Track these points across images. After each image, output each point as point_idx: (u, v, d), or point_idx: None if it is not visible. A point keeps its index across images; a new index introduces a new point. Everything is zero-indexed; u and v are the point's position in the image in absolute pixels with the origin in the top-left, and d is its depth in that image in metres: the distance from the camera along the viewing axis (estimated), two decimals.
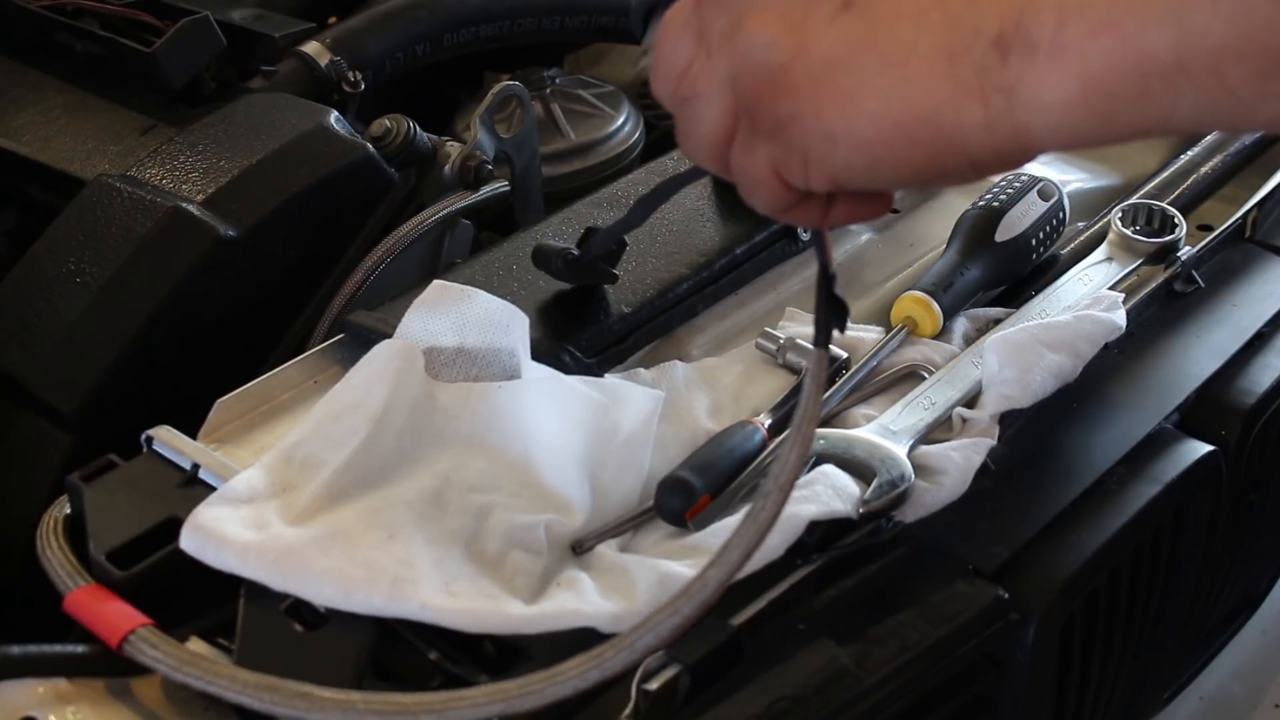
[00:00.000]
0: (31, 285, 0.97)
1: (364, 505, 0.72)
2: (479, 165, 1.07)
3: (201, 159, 1.03)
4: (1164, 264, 1.00)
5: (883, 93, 0.53)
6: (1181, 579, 0.91)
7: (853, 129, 0.54)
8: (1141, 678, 0.94)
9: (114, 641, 0.67)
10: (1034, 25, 0.50)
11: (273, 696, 0.63)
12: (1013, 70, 0.50)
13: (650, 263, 0.94)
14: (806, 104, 0.54)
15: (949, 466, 0.79)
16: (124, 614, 0.68)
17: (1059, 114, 0.50)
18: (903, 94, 0.52)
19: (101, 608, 0.69)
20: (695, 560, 0.71)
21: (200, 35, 1.11)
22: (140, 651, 0.67)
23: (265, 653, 0.67)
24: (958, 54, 0.51)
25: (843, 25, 0.53)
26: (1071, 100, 0.50)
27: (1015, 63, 0.50)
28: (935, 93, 0.52)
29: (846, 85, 0.53)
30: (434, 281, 0.84)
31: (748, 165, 0.58)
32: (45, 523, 0.75)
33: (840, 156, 0.55)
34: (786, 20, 0.54)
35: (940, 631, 0.73)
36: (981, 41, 0.51)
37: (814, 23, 0.54)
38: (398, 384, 0.76)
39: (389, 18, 1.24)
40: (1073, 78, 0.49)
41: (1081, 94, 0.49)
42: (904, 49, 0.52)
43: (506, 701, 0.61)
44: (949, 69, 0.51)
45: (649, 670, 0.66)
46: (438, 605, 0.67)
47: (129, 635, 0.67)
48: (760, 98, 0.56)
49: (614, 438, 0.79)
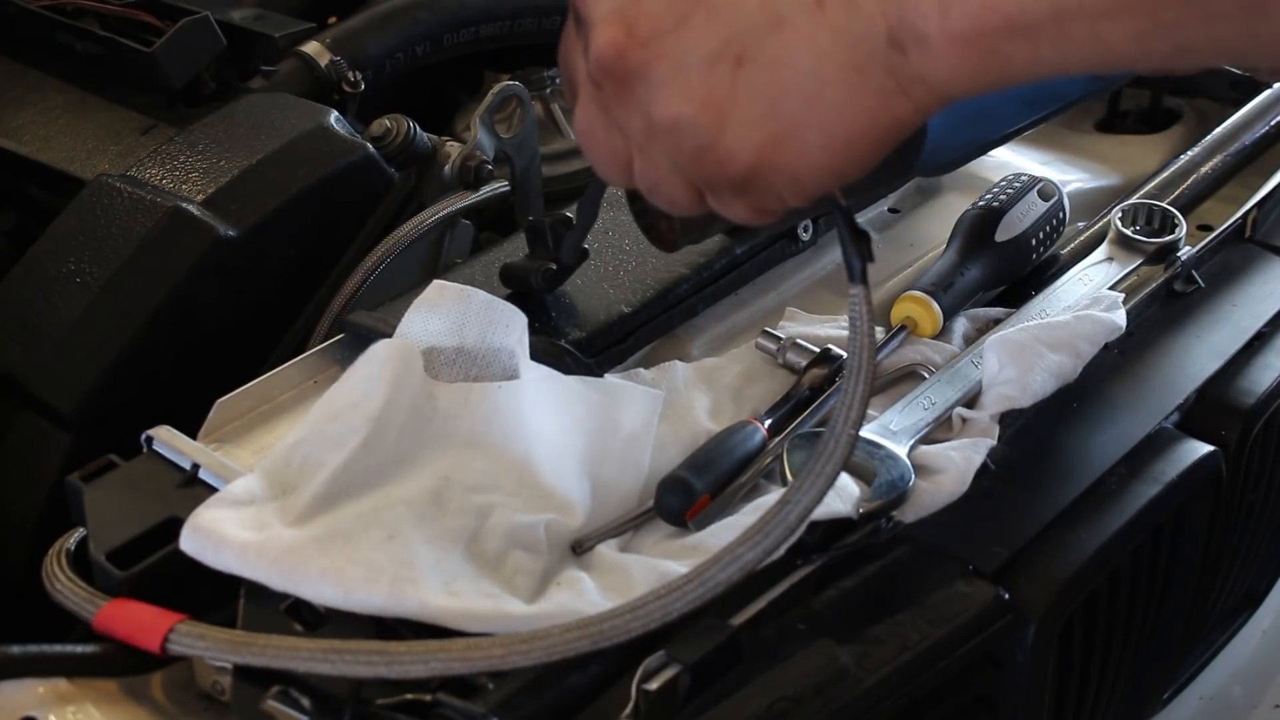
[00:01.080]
0: (31, 285, 0.97)
1: (363, 505, 0.72)
2: (479, 165, 1.07)
3: (201, 159, 1.03)
4: (1164, 264, 1.00)
5: (819, 125, 0.54)
6: (1181, 579, 0.91)
7: (809, 165, 0.56)
8: (1141, 678, 0.94)
9: (155, 646, 0.67)
10: (917, 17, 0.52)
11: (343, 658, 0.63)
12: (914, 62, 0.52)
13: (650, 263, 0.94)
14: (758, 163, 0.56)
15: (949, 466, 0.79)
16: (153, 617, 0.68)
17: (968, 82, 0.53)
18: (836, 119, 0.54)
19: (131, 618, 0.69)
20: (695, 560, 0.71)
21: (200, 35, 1.11)
22: (187, 646, 0.66)
23: None
24: (863, 65, 0.53)
25: (747, 81, 0.55)
26: (974, 71, 0.52)
27: (915, 56, 0.52)
28: (863, 104, 0.54)
29: (784, 132, 0.55)
30: (434, 281, 0.84)
31: (731, 213, 0.61)
32: (50, 559, 0.74)
33: (810, 185, 0.57)
34: (693, 97, 0.56)
35: (940, 631, 0.73)
36: (878, 46, 0.53)
37: (719, 89, 0.55)
38: (396, 383, 0.76)
39: (389, 18, 1.24)
40: (970, 58, 0.52)
41: (981, 67, 0.52)
42: (814, 81, 0.54)
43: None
44: (863, 80, 0.53)
45: (649, 670, 0.66)
46: (438, 605, 0.67)
47: (169, 634, 0.67)
48: (712, 173, 0.57)
49: (614, 438, 0.79)
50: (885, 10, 0.52)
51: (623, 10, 0.56)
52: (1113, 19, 0.49)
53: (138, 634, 0.68)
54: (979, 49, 0.51)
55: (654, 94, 0.56)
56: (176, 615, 0.68)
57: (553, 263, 0.90)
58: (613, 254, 0.94)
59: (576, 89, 0.62)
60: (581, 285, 0.92)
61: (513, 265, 0.92)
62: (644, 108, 0.57)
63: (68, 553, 0.74)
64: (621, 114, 0.59)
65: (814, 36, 0.53)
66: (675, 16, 0.55)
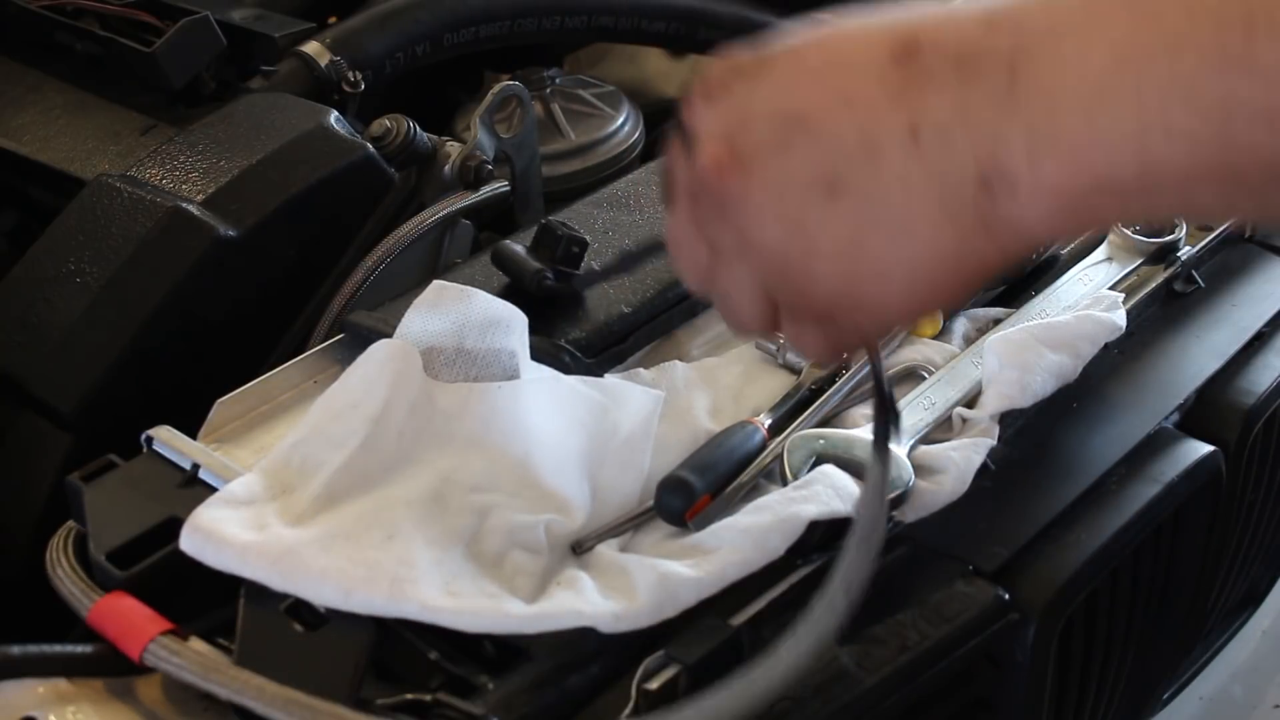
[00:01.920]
0: (31, 285, 0.97)
1: (364, 505, 0.72)
2: (479, 165, 1.07)
3: (201, 159, 1.02)
4: (1164, 264, 1.00)
5: (904, 263, 0.55)
6: (1181, 579, 0.91)
7: (892, 299, 0.56)
8: (1141, 678, 0.93)
9: (135, 654, 0.67)
10: (1008, 161, 0.51)
11: (303, 713, 0.63)
12: (1002, 207, 0.52)
13: (650, 263, 0.94)
14: (841, 293, 0.57)
15: (949, 466, 0.79)
16: (142, 622, 0.68)
17: (1053, 229, 0.53)
18: (922, 258, 0.55)
19: (121, 619, 0.69)
20: (695, 560, 0.71)
21: (200, 35, 1.11)
22: (162, 660, 0.67)
23: (265, 653, 0.67)
24: (951, 204, 0.53)
25: (840, 213, 0.55)
26: (1061, 221, 0.53)
27: (1003, 200, 0.52)
28: (949, 245, 0.54)
29: (869, 265, 0.55)
30: (434, 281, 0.84)
31: (803, 344, 0.61)
32: (56, 542, 0.74)
33: (891, 318, 0.58)
34: (786, 221, 0.56)
35: (940, 631, 0.73)
36: (968, 186, 0.52)
37: (811, 217, 0.55)
38: (396, 383, 0.76)
39: (389, 18, 1.24)
40: (1058, 208, 0.52)
41: (1070, 215, 0.52)
42: (903, 216, 0.54)
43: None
44: (951, 219, 0.53)
45: (649, 670, 0.66)
46: (438, 605, 0.67)
47: (148, 645, 0.67)
48: (795, 297, 0.58)
49: (614, 438, 0.79)
50: (978, 151, 0.52)
51: (729, 130, 0.57)
52: (1200, 183, 0.49)
53: (123, 637, 0.68)
54: (1067, 201, 0.51)
55: (748, 215, 0.57)
56: (165, 623, 0.68)
57: (550, 272, 0.90)
58: (612, 254, 0.94)
59: (674, 196, 0.62)
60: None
61: (508, 251, 0.91)
62: (737, 227, 0.58)
63: (76, 539, 0.74)
64: (714, 229, 0.59)
65: (906, 171, 0.53)
66: (778, 141, 0.56)
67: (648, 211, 0.99)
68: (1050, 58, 0.50)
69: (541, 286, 0.90)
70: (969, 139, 0.52)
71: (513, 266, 0.90)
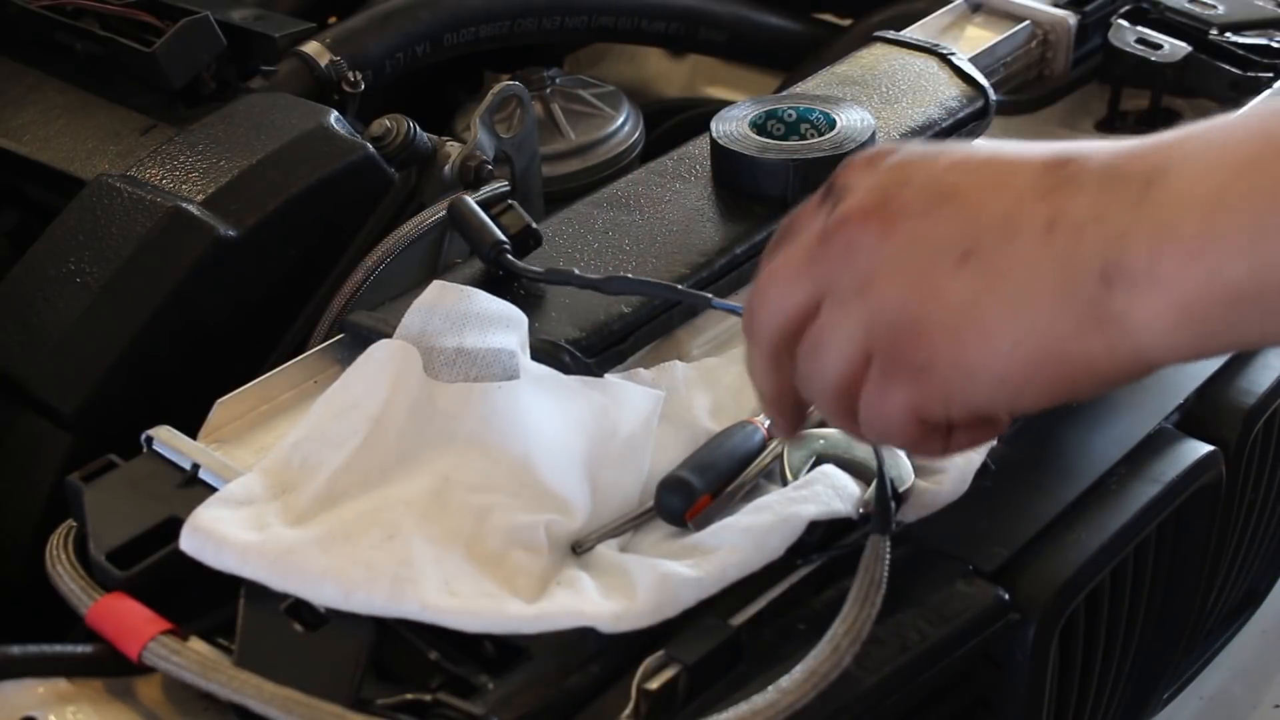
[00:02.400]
0: (31, 285, 0.97)
1: (364, 505, 0.72)
2: (479, 165, 1.07)
3: (201, 159, 1.03)
4: None
5: (1013, 333, 0.56)
6: (1182, 579, 0.91)
7: (992, 368, 0.57)
8: (1142, 678, 0.94)
9: (134, 654, 0.67)
10: (1131, 258, 0.54)
11: (300, 712, 0.63)
12: (1119, 302, 0.54)
13: (650, 263, 0.94)
14: (945, 349, 0.58)
15: (949, 466, 0.79)
16: (141, 622, 0.69)
17: (1166, 337, 0.54)
18: (1031, 333, 0.56)
19: (120, 619, 0.69)
20: (695, 560, 0.71)
21: (200, 35, 1.11)
22: (162, 660, 0.67)
23: (265, 653, 0.67)
24: (1072, 292, 0.55)
25: (966, 277, 0.57)
26: (1172, 325, 0.54)
27: (1120, 295, 0.54)
28: (1060, 328, 0.56)
29: (979, 329, 0.57)
30: (434, 281, 0.84)
31: (882, 406, 0.61)
32: (56, 539, 0.74)
33: (982, 392, 0.58)
34: (913, 274, 0.59)
35: (940, 631, 0.73)
36: (1090, 278, 0.55)
37: (939, 275, 0.58)
38: (396, 383, 0.77)
39: (389, 18, 1.24)
40: (1170, 306, 0.53)
41: (1182, 318, 0.54)
42: (1024, 292, 0.56)
43: None
44: (1067, 306, 0.55)
45: (649, 670, 0.66)
46: (438, 605, 0.67)
47: (147, 645, 0.67)
48: (899, 347, 0.59)
49: (614, 438, 0.79)
50: (1104, 247, 0.54)
51: (885, 187, 0.60)
52: None
53: (121, 637, 0.68)
54: (1181, 300, 0.53)
55: (879, 261, 0.59)
56: (164, 623, 0.68)
57: (510, 245, 0.91)
58: (612, 254, 0.94)
59: (792, 234, 0.64)
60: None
61: (466, 209, 0.92)
62: (863, 270, 0.60)
63: (75, 538, 0.74)
64: (834, 268, 0.61)
65: (1037, 255, 0.56)
66: (928, 205, 0.59)
67: (648, 211, 0.99)
68: (1182, 172, 0.54)
69: (500, 261, 0.90)
70: (1098, 235, 0.54)
71: (471, 228, 0.90)
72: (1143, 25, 1.28)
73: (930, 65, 1.15)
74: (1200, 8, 1.29)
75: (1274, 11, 1.30)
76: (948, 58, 1.16)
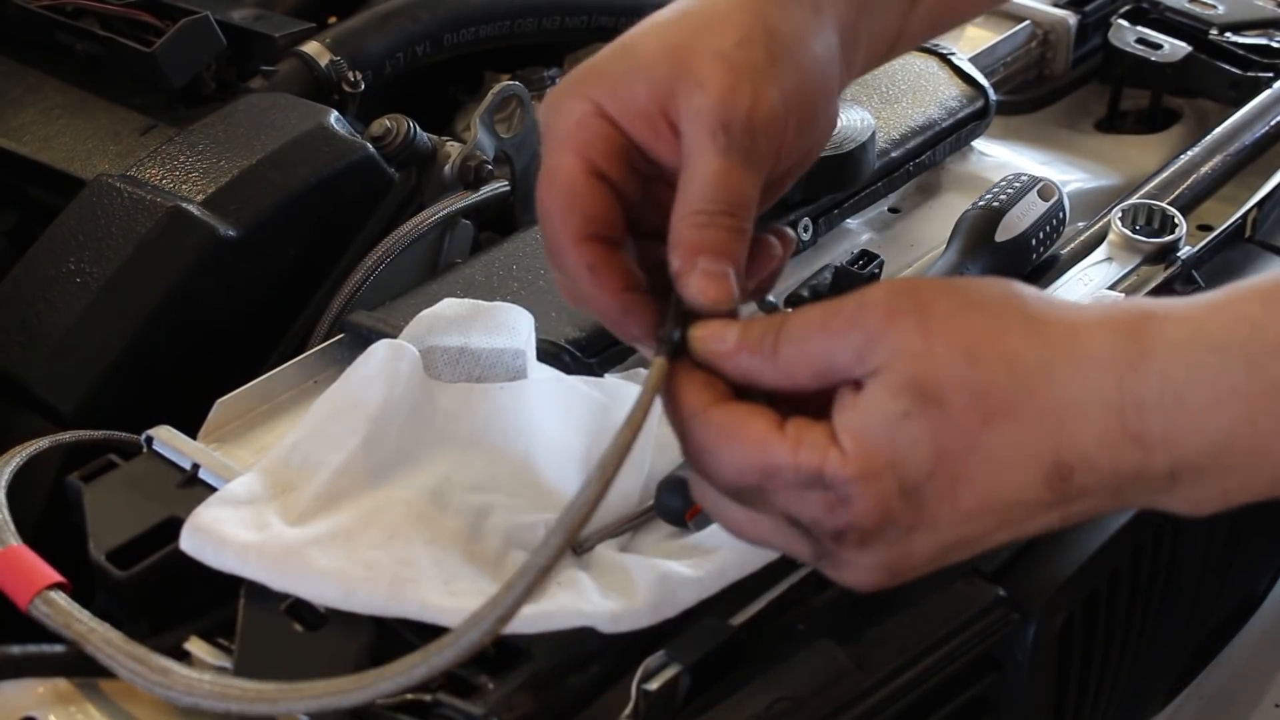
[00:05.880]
0: (31, 285, 0.97)
1: (363, 505, 0.72)
2: (479, 165, 1.06)
3: (201, 159, 1.02)
4: (1164, 264, 0.99)
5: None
6: (1182, 579, 0.91)
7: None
8: (1142, 677, 0.93)
9: (23, 603, 0.67)
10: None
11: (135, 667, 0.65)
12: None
13: None
14: (929, 565, 0.61)
15: None
16: (34, 575, 0.69)
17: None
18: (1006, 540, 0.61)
19: (14, 567, 0.69)
20: (695, 560, 0.71)
21: (200, 35, 1.11)
22: (45, 616, 0.67)
23: (265, 653, 0.67)
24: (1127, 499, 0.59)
25: (963, 523, 0.59)
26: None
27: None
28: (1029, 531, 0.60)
29: (973, 546, 0.61)
30: (445, 300, 0.83)
31: (844, 569, 0.62)
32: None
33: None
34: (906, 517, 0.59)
35: (940, 631, 0.73)
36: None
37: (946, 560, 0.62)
38: (396, 383, 0.77)
39: (389, 18, 1.24)
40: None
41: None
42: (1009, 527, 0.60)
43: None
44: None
45: (649, 670, 0.66)
46: (438, 605, 0.67)
47: (35, 598, 0.67)
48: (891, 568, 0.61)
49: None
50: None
51: (891, 566, 0.60)
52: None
53: (16, 588, 0.68)
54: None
55: (898, 541, 0.59)
56: (61, 579, 0.68)
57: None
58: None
59: (761, 504, 0.60)
60: None
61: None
62: (883, 550, 0.60)
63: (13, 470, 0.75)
64: (828, 528, 0.59)
65: (1045, 524, 0.59)
66: (935, 562, 0.61)
67: None
68: (1214, 471, 0.58)
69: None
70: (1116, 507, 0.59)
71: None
72: (1143, 25, 1.28)
73: (930, 65, 1.15)
74: (1200, 8, 1.29)
75: (1274, 11, 1.31)
76: (948, 57, 1.16)
